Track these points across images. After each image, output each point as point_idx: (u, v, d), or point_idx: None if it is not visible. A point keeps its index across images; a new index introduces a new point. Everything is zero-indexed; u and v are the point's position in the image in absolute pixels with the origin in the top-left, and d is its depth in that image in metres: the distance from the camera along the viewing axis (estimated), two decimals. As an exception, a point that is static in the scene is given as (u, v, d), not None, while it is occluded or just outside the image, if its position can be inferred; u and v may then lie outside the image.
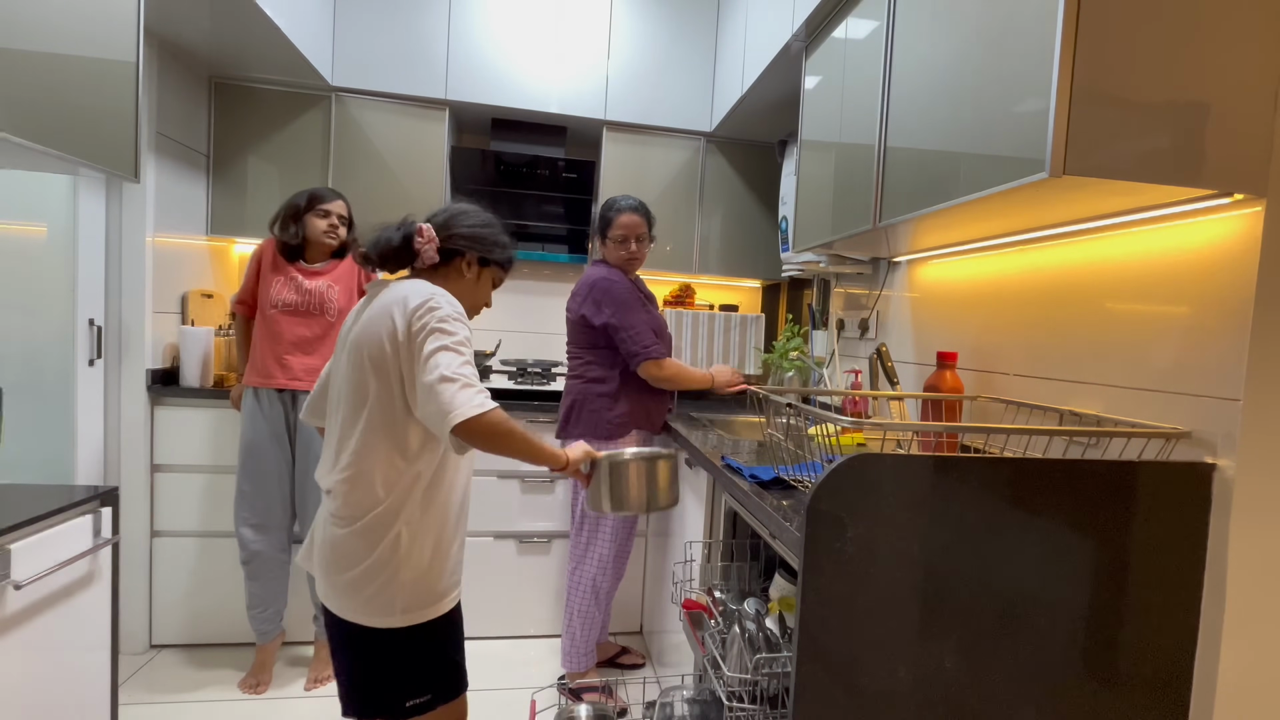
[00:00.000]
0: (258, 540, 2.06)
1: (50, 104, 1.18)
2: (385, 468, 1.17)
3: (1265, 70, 0.92)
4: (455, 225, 1.28)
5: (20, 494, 1.20)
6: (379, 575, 1.17)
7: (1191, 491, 0.98)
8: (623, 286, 2.03)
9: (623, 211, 2.05)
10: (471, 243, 1.29)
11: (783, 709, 1.16)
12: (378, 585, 1.17)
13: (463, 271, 1.30)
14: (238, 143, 2.49)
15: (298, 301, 2.06)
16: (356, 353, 1.19)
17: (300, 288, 2.06)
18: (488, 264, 1.33)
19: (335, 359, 1.30)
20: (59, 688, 1.15)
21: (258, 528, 2.06)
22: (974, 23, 1.09)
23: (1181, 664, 1.00)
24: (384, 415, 1.16)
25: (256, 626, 2.11)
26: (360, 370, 1.18)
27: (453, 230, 1.28)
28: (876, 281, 2.07)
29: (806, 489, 1.16)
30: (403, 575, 1.18)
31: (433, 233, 1.26)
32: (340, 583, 1.18)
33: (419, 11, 2.54)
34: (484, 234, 1.30)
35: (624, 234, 2.05)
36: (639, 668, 2.29)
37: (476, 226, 1.30)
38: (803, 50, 1.89)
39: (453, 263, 1.29)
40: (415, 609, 1.20)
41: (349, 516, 1.18)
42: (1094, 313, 1.21)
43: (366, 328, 1.19)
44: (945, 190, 1.13)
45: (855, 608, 0.92)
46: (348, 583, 1.18)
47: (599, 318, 2.00)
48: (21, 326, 1.88)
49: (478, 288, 1.34)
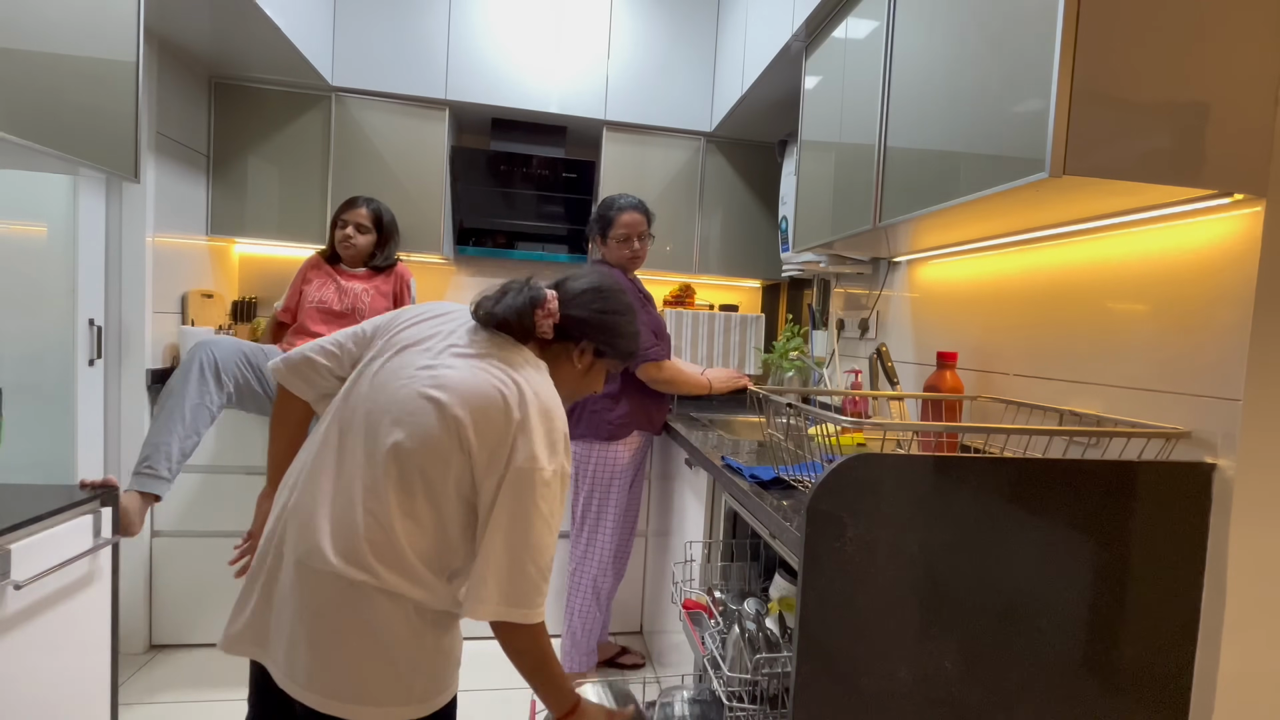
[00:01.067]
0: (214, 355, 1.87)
1: (50, 104, 1.18)
2: (422, 556, 0.97)
3: (1265, 70, 0.92)
4: (580, 305, 1.09)
5: (20, 494, 1.20)
6: (395, 650, 0.95)
7: (1191, 491, 0.98)
8: (626, 285, 2.03)
9: (624, 210, 2.04)
10: (591, 330, 1.09)
11: (783, 709, 1.16)
12: (388, 662, 0.95)
13: (574, 360, 1.11)
14: (238, 143, 2.49)
15: (335, 300, 2.18)
16: (414, 418, 0.96)
17: (340, 288, 2.20)
18: (603, 356, 1.13)
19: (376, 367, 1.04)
20: (59, 688, 1.15)
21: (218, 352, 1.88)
22: (974, 23, 1.09)
23: (1181, 664, 1.00)
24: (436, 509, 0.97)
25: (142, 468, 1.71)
26: (417, 438, 0.96)
27: (574, 312, 1.08)
28: (876, 281, 2.06)
29: (806, 489, 1.16)
30: (424, 646, 0.98)
31: (555, 306, 1.06)
32: (336, 659, 0.93)
33: (419, 11, 2.54)
34: (610, 323, 1.10)
35: (626, 232, 2.03)
36: (639, 668, 2.29)
37: (605, 313, 1.10)
38: (803, 50, 1.89)
39: (565, 345, 1.09)
40: (435, 693, 1.00)
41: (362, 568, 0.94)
42: (1094, 313, 1.21)
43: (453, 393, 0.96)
44: (945, 190, 1.13)
45: (855, 608, 0.92)
46: (348, 660, 0.94)
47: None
48: (21, 326, 1.88)
49: (585, 379, 1.14)
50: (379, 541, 0.94)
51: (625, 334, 1.13)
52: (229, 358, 1.88)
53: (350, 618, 0.94)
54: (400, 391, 0.99)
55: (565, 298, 1.09)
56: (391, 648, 0.95)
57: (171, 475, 1.72)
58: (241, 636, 1.01)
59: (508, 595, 0.93)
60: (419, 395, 0.97)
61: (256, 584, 1.01)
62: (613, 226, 2.03)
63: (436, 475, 0.96)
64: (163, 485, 1.69)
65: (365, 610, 0.94)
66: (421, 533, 0.96)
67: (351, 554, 0.94)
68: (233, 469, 2.17)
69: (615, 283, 1.15)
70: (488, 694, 2.09)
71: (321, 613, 0.94)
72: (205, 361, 1.84)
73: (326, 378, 1.10)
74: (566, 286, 1.11)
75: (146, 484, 1.67)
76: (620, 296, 1.14)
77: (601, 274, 1.16)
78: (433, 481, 0.96)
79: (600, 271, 1.17)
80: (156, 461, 1.70)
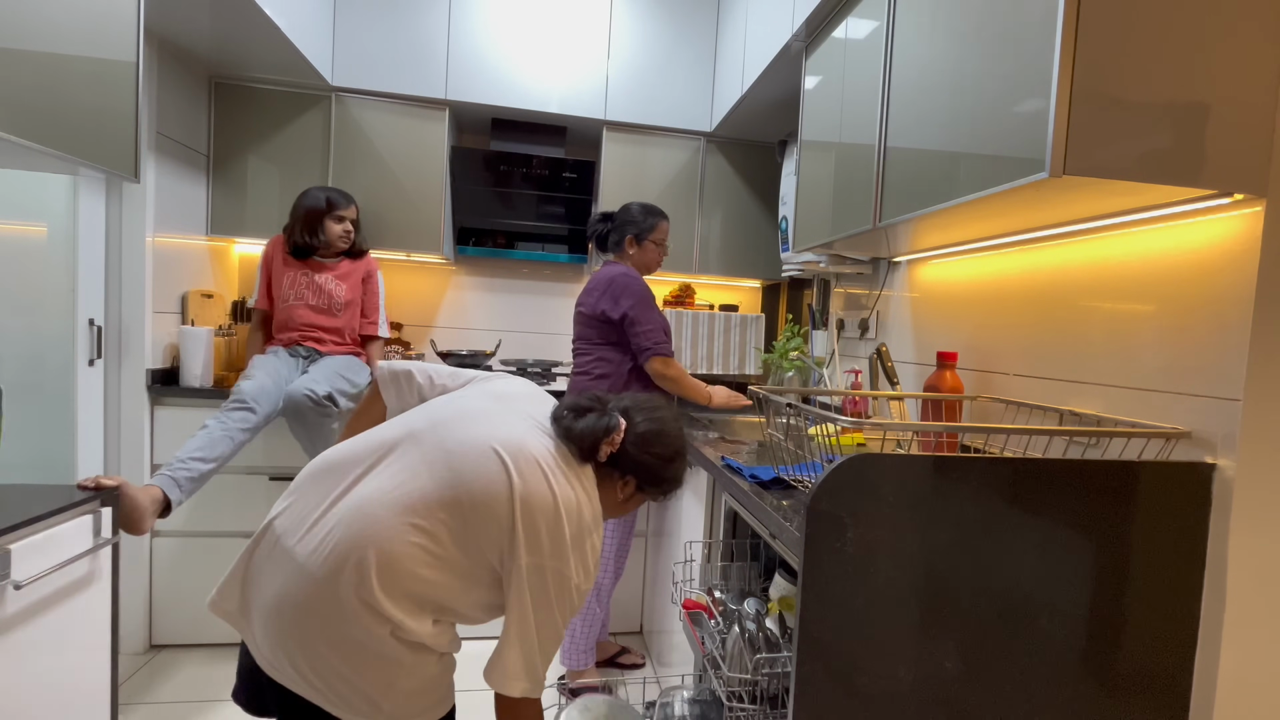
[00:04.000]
0: (252, 385, 1.97)
1: (50, 104, 1.18)
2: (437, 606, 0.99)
3: (1265, 70, 0.92)
4: (637, 445, 1.12)
5: (20, 494, 1.20)
6: (393, 672, 0.97)
7: (1191, 491, 0.98)
8: (643, 284, 2.10)
9: (664, 217, 2.21)
10: (641, 470, 1.13)
11: (783, 709, 1.16)
12: (386, 685, 0.97)
13: (617, 489, 1.15)
14: (238, 143, 2.49)
15: (312, 295, 2.26)
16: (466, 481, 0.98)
17: (318, 289, 2.27)
18: (643, 491, 1.18)
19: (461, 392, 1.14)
20: (59, 688, 1.15)
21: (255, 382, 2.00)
22: (974, 23, 1.09)
23: (1181, 664, 1.00)
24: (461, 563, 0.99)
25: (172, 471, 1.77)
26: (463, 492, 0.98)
27: (631, 449, 1.11)
28: (876, 281, 2.06)
29: (806, 489, 1.16)
30: (422, 674, 1.01)
31: (619, 439, 1.10)
32: (319, 659, 0.94)
33: (419, 11, 2.54)
34: (658, 468, 1.14)
35: (663, 237, 2.21)
36: (639, 668, 2.29)
37: (658, 458, 1.13)
38: (803, 50, 1.89)
39: (613, 472, 1.13)
40: (442, 702, 1.06)
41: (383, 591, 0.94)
42: (1094, 313, 1.21)
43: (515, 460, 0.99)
44: (945, 190, 1.13)
45: (855, 608, 0.92)
46: (342, 675, 0.94)
47: (617, 310, 2.04)
48: (21, 326, 1.88)
49: (623, 506, 1.19)
50: (392, 554, 0.93)
51: (670, 478, 1.17)
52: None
53: (326, 622, 0.93)
54: (476, 435, 1.02)
55: (629, 433, 1.12)
56: (363, 661, 0.94)
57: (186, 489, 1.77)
58: (226, 591, 1.05)
59: (516, 672, 0.99)
60: (491, 448, 1.00)
61: (248, 552, 1.04)
62: (654, 231, 2.18)
63: (477, 523, 0.97)
64: (175, 490, 1.72)
65: (342, 618, 0.93)
66: (432, 565, 0.96)
67: (355, 557, 0.93)
68: (233, 469, 2.17)
69: (678, 428, 1.19)
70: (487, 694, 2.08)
71: (292, 609, 0.94)
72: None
73: (413, 396, 1.20)
74: (634, 421, 1.13)
75: (167, 483, 1.70)
76: (677, 442, 1.17)
77: (667, 418, 1.18)
78: (468, 527, 0.97)
79: (668, 413, 1.19)
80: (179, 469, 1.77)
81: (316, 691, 0.94)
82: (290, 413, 2.00)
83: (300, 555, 0.95)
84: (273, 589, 0.96)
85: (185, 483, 1.75)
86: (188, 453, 1.80)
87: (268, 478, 2.26)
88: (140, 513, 1.49)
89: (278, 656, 0.95)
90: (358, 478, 1.00)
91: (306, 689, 0.94)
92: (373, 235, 2.57)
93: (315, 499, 0.99)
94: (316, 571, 0.93)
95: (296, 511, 1.00)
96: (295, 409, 1.98)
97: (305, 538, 0.96)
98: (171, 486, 1.70)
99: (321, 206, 2.25)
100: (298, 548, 0.95)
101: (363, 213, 2.52)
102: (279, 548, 0.98)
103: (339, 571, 0.92)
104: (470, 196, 2.74)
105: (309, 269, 2.27)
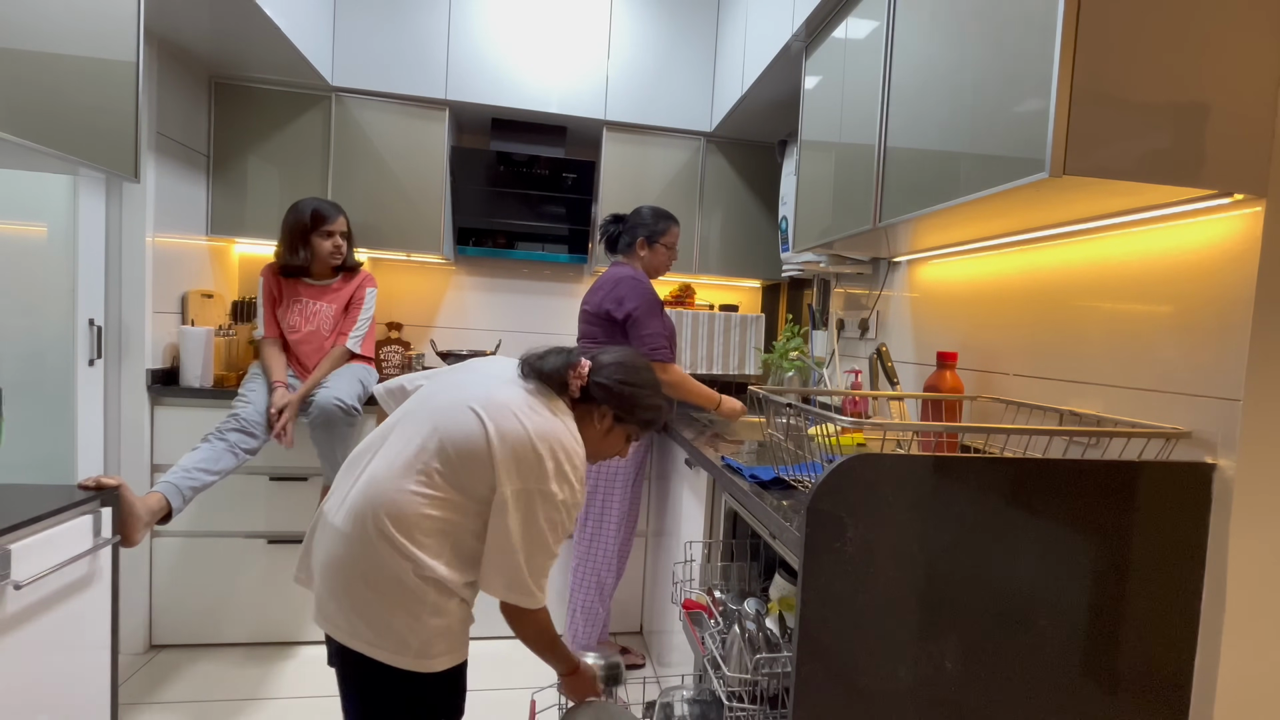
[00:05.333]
0: (249, 408, 2.01)
1: (50, 104, 1.18)
2: (453, 552, 1.14)
3: (1265, 70, 0.92)
4: (604, 375, 1.24)
5: (20, 494, 1.20)
6: (418, 608, 1.11)
7: (1191, 491, 0.98)
8: (650, 288, 2.11)
9: (675, 221, 2.25)
10: (611, 397, 1.23)
11: (783, 709, 1.16)
12: (413, 619, 1.11)
13: (595, 421, 1.25)
14: (238, 143, 2.49)
15: (302, 324, 2.21)
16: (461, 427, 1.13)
17: (303, 313, 2.21)
18: (621, 421, 1.27)
19: (448, 378, 1.26)
20: (59, 688, 1.15)
21: (253, 405, 2.03)
22: (974, 23, 1.09)
23: (1181, 664, 1.00)
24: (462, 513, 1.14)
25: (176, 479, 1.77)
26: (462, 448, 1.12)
27: (598, 379, 1.23)
28: (876, 281, 2.07)
29: (806, 489, 1.16)
30: (444, 616, 1.14)
31: (585, 371, 1.23)
32: (369, 610, 1.11)
33: (419, 11, 2.54)
34: (628, 393, 1.24)
35: (674, 241, 2.24)
36: (639, 668, 2.29)
37: (625, 384, 1.24)
38: (803, 50, 1.89)
39: (590, 406, 1.25)
40: (455, 650, 1.17)
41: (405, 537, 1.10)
42: (1094, 313, 1.21)
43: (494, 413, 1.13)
44: (945, 190, 1.13)
45: (855, 608, 0.92)
46: (378, 613, 1.10)
47: (621, 310, 2.04)
48: (21, 326, 1.88)
49: (606, 439, 1.29)
50: (398, 502, 1.10)
51: (643, 405, 1.27)
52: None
53: (360, 565, 1.10)
54: (454, 398, 1.18)
55: (595, 367, 1.25)
56: (395, 596, 1.10)
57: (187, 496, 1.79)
58: (299, 572, 1.26)
59: (510, 584, 1.13)
60: (467, 406, 1.15)
61: (311, 531, 1.25)
62: (665, 235, 2.21)
63: (464, 467, 1.12)
64: (177, 497, 1.74)
65: (372, 562, 1.10)
66: (434, 504, 1.12)
67: (370, 511, 1.11)
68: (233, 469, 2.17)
69: (643, 363, 1.31)
70: (487, 694, 2.09)
71: (338, 563, 1.12)
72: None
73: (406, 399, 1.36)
74: (598, 359, 1.27)
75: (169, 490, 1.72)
76: (644, 374, 1.28)
77: (630, 353, 1.31)
78: (458, 471, 1.12)
79: (630, 351, 1.32)
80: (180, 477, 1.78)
81: (359, 637, 1.10)
82: (320, 422, 2.01)
83: (337, 523, 1.15)
84: (322, 553, 1.16)
85: (189, 492, 1.77)
86: (193, 463, 1.82)
87: (268, 478, 2.26)
88: (134, 522, 1.48)
89: (329, 607, 1.13)
90: (372, 457, 1.19)
91: (351, 637, 1.11)
92: (373, 235, 2.57)
93: (347, 483, 1.20)
94: (348, 531, 1.12)
95: (336, 495, 1.20)
96: (326, 418, 2.01)
97: (339, 512, 1.16)
98: (175, 494, 1.72)
99: (306, 222, 2.14)
100: (335, 519, 1.15)
101: (363, 213, 2.52)
102: (325, 522, 1.19)
103: (363, 525, 1.10)
104: (470, 196, 2.74)
105: (306, 295, 2.21)
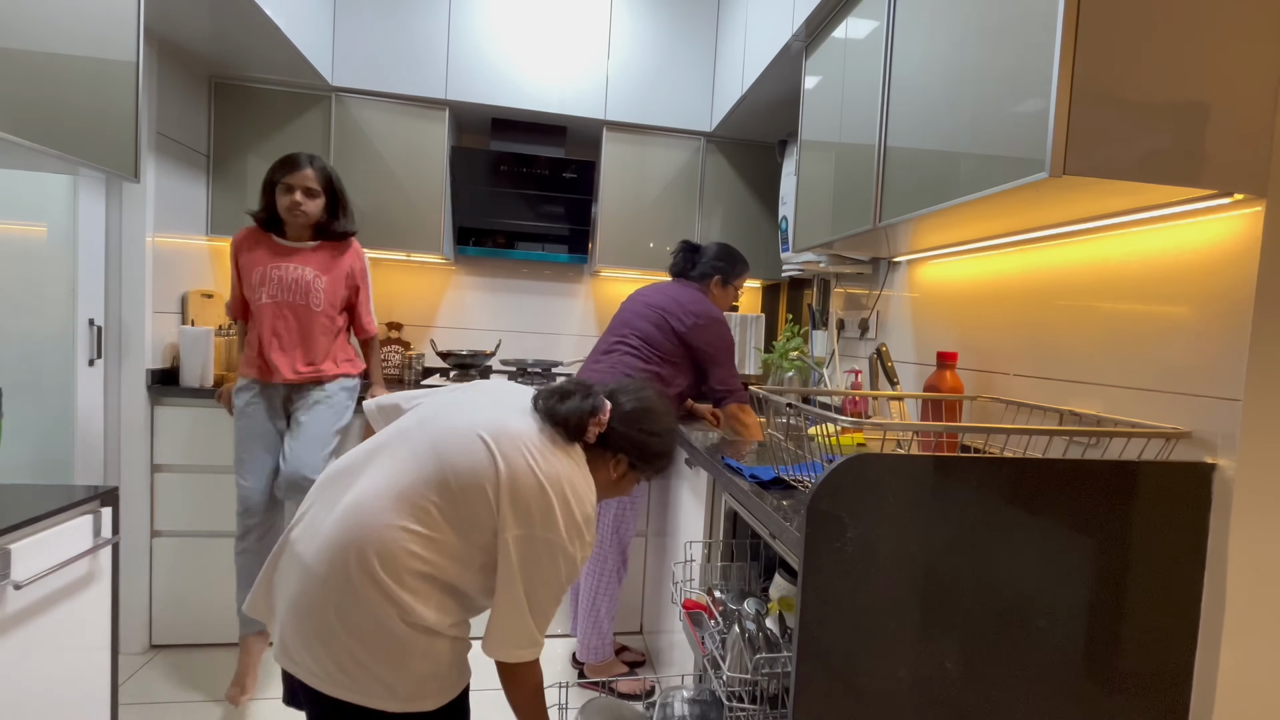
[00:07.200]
0: (254, 490, 1.92)
1: (50, 104, 1.18)
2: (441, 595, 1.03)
3: (1265, 70, 0.92)
4: (626, 423, 1.16)
5: (20, 494, 1.19)
6: (405, 657, 0.99)
7: (1191, 491, 0.98)
8: (729, 330, 2.10)
9: (748, 265, 2.23)
10: (628, 445, 1.17)
11: (783, 709, 1.16)
12: (399, 669, 0.99)
13: (609, 468, 1.19)
14: (238, 143, 2.49)
15: (280, 292, 1.92)
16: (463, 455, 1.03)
17: (279, 280, 1.91)
18: (635, 469, 1.22)
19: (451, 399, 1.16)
20: (59, 688, 1.15)
21: (255, 479, 1.94)
22: (974, 23, 1.09)
23: (1181, 664, 1.00)
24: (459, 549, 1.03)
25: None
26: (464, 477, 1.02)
27: (619, 427, 1.16)
28: (876, 281, 2.06)
29: (806, 489, 1.16)
30: (433, 659, 1.03)
31: (606, 418, 1.15)
32: (346, 657, 0.98)
33: (419, 11, 2.54)
34: (647, 443, 1.18)
35: (743, 284, 2.24)
36: (639, 666, 2.29)
37: (646, 434, 1.17)
38: (803, 50, 1.89)
39: (604, 452, 1.17)
40: (449, 689, 1.06)
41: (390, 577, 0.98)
42: (1094, 313, 1.21)
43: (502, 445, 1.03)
44: (945, 190, 1.13)
45: (855, 608, 0.92)
46: (359, 661, 0.98)
47: (699, 339, 2.02)
48: (21, 326, 1.88)
49: (617, 485, 1.23)
50: (387, 540, 0.99)
51: (660, 454, 1.21)
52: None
53: (340, 610, 0.98)
54: (460, 422, 1.07)
55: (615, 413, 1.17)
56: (377, 643, 0.99)
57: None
58: (254, 602, 1.12)
59: (516, 642, 1.04)
60: (476, 433, 1.05)
61: (273, 557, 1.11)
62: (740, 279, 2.21)
63: (466, 503, 1.02)
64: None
65: (352, 606, 0.98)
66: (428, 546, 1.01)
67: (355, 549, 0.98)
68: (233, 470, 2.17)
69: (664, 406, 1.23)
70: (488, 694, 2.08)
71: (310, 605, 0.99)
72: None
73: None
74: (619, 402, 1.18)
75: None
76: (665, 420, 1.21)
77: (652, 397, 1.23)
78: (458, 507, 1.02)
79: (651, 393, 1.24)
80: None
81: (335, 682, 0.99)
82: (292, 494, 1.91)
83: (308, 558, 1.01)
84: (290, 589, 1.03)
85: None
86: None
87: (268, 478, 2.25)
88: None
89: (299, 652, 1.00)
90: (354, 480, 1.06)
91: (325, 681, 0.99)
92: (373, 235, 2.57)
93: (324, 507, 1.06)
94: (324, 569, 0.99)
95: (309, 521, 1.07)
96: (298, 491, 1.89)
97: (313, 542, 1.02)
98: (248, 624, 1.94)
99: (273, 171, 1.90)
100: (307, 552, 1.02)
101: (363, 212, 2.51)
102: (293, 554, 1.05)
103: (344, 564, 0.98)
104: (470, 196, 2.74)
105: (276, 258, 1.92)
